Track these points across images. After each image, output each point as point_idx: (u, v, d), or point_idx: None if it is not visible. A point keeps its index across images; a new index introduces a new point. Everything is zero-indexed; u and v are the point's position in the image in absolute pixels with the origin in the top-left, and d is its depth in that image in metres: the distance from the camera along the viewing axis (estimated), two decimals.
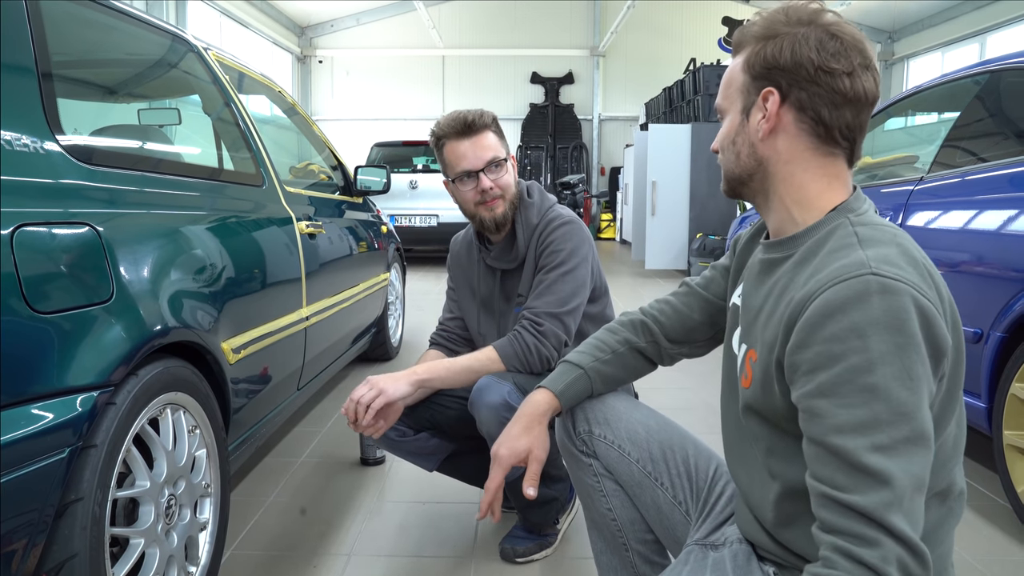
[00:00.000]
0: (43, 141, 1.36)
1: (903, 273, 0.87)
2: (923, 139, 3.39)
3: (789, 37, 0.99)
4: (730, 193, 1.12)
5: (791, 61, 0.98)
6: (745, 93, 1.04)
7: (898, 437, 0.82)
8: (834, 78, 0.97)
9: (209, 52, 2.45)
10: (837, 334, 0.86)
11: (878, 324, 0.84)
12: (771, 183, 1.05)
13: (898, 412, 0.83)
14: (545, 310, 1.82)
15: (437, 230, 8.63)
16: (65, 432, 1.20)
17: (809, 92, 0.98)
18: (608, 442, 1.35)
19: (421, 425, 1.93)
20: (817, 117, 0.99)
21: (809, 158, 1.02)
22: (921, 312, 0.85)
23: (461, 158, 1.85)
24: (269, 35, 13.74)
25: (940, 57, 13.05)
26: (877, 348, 0.84)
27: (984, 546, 2.08)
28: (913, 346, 0.84)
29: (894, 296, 0.85)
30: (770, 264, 1.06)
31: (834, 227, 0.98)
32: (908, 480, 0.82)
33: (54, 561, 1.21)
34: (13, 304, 1.15)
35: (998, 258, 2.26)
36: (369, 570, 1.97)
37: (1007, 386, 2.17)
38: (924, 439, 0.83)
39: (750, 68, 1.03)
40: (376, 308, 3.82)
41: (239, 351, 1.90)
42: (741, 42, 1.06)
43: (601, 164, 15.74)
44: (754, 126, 1.03)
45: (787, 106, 1.00)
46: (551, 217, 1.93)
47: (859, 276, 0.87)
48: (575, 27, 15.40)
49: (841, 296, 0.87)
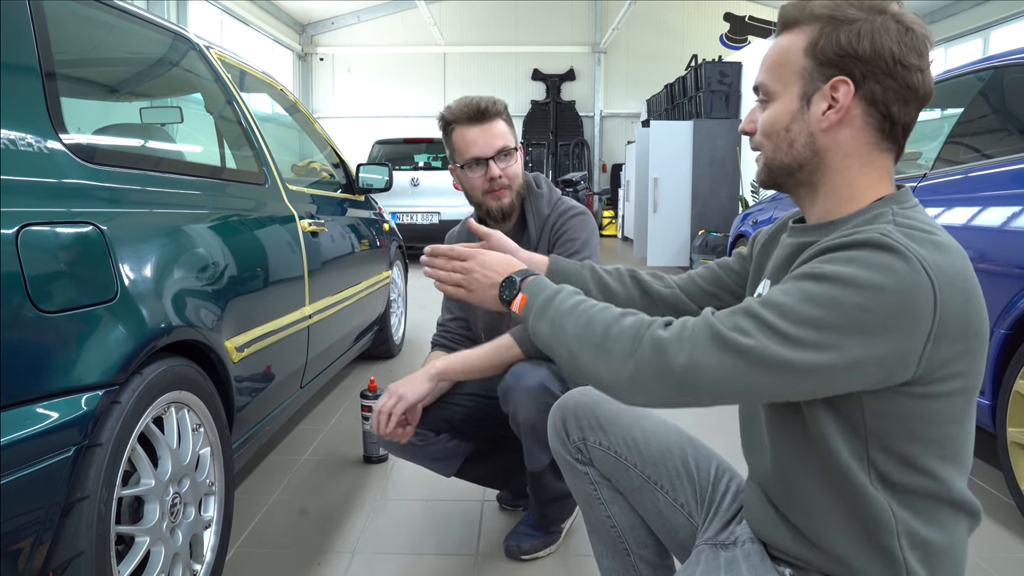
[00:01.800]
0: (46, 140, 1.36)
1: (917, 248, 0.85)
2: (926, 135, 3.37)
3: (866, 24, 0.94)
4: (770, 183, 1.07)
5: (870, 51, 0.93)
6: (806, 78, 0.98)
7: (780, 328, 0.86)
8: (910, 73, 0.94)
9: (211, 50, 2.45)
10: (820, 261, 0.89)
11: (855, 260, 0.85)
12: (823, 175, 1.01)
13: (800, 316, 0.86)
14: None
15: (439, 227, 8.62)
16: (70, 431, 1.20)
17: (884, 85, 0.94)
18: (604, 448, 1.32)
19: (439, 427, 1.91)
20: (887, 112, 0.96)
21: (867, 153, 0.98)
22: (909, 282, 0.83)
23: (471, 144, 1.82)
24: (270, 33, 13.74)
25: (943, 53, 13.01)
26: (838, 272, 0.86)
27: (988, 543, 2.08)
28: (868, 292, 0.83)
29: (886, 252, 0.85)
30: (798, 248, 1.03)
31: (876, 215, 0.95)
32: (747, 346, 0.87)
33: (60, 559, 1.21)
34: (18, 304, 1.15)
35: (1002, 255, 2.26)
36: (373, 567, 1.97)
37: (1011, 383, 2.17)
38: (797, 346, 0.85)
39: (817, 52, 0.97)
40: (379, 306, 3.83)
41: (242, 349, 1.91)
42: (797, 20, 0.99)
43: (603, 161, 15.73)
44: (816, 115, 0.98)
45: (858, 98, 0.96)
46: (564, 207, 1.92)
47: (869, 233, 0.88)
48: (576, 24, 15.38)
49: (841, 241, 0.89)
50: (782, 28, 1.03)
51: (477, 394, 1.92)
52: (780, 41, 1.02)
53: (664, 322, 0.96)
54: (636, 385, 0.94)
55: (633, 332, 0.96)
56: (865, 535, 0.95)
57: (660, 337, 0.93)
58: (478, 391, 1.92)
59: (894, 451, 0.92)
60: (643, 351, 0.93)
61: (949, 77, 3.02)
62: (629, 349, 0.94)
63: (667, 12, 14.99)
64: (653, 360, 0.92)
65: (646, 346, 0.93)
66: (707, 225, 8.21)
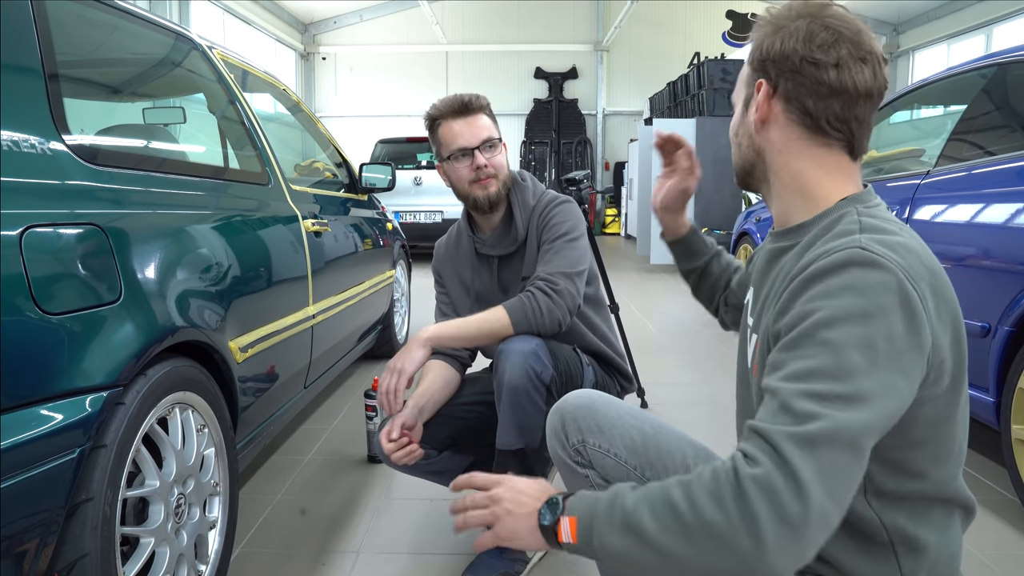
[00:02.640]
0: (49, 141, 1.36)
1: (892, 255, 0.87)
2: (929, 133, 3.37)
3: (784, 30, 1.01)
4: (740, 183, 1.14)
5: (779, 52, 1.00)
6: (747, 85, 1.08)
7: (835, 392, 0.81)
8: (818, 69, 0.98)
9: (213, 50, 2.45)
10: (811, 296, 0.87)
11: (851, 288, 0.85)
12: (770, 172, 1.07)
13: (843, 369, 0.82)
14: (560, 270, 1.81)
15: (442, 226, 8.62)
16: (75, 432, 1.21)
17: (795, 82, 1.00)
18: (603, 451, 1.31)
19: (443, 444, 1.90)
20: (803, 107, 1.00)
21: (802, 148, 1.03)
22: (901, 291, 0.84)
23: (457, 136, 1.87)
24: (272, 32, 13.75)
25: (946, 49, 12.99)
26: (843, 308, 0.84)
27: (992, 540, 2.07)
28: (881, 319, 0.83)
29: (875, 269, 0.85)
30: (777, 253, 1.07)
31: (841, 215, 0.98)
32: (831, 427, 0.79)
33: (65, 560, 1.21)
34: (22, 305, 1.15)
35: (1005, 252, 2.26)
36: (377, 567, 1.97)
37: (1015, 380, 2.16)
38: (863, 401, 0.81)
39: (752, 60, 1.06)
40: (382, 305, 3.83)
41: (246, 350, 1.91)
42: (750, 36, 1.09)
43: (606, 159, 15.72)
44: (751, 117, 1.06)
45: (777, 97, 1.02)
46: (549, 198, 1.96)
47: (847, 249, 0.88)
48: (578, 22, 15.37)
49: (823, 265, 0.88)
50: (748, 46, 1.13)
51: (477, 402, 1.91)
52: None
53: (726, 466, 0.83)
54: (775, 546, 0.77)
55: (715, 488, 0.81)
56: (857, 542, 0.96)
57: (751, 476, 0.79)
58: (478, 399, 1.92)
59: (889, 461, 0.92)
60: (749, 500, 0.77)
61: (952, 74, 3.01)
62: (734, 509, 0.78)
63: (669, 10, 14.97)
64: (765, 503, 0.77)
65: (748, 492, 0.78)
66: (710, 223, 8.20)
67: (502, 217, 1.96)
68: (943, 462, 0.94)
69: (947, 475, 0.95)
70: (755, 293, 1.13)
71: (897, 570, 0.95)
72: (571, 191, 3.64)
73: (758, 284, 1.12)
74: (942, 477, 0.95)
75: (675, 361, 4.30)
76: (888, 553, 0.95)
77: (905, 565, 0.95)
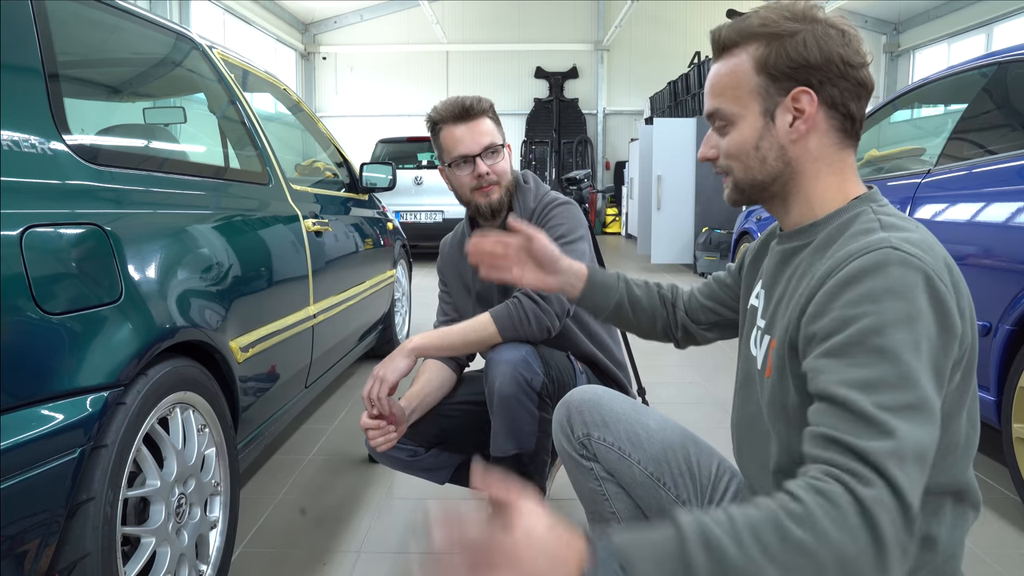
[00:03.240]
0: (50, 141, 1.36)
1: (922, 255, 0.87)
2: (930, 131, 3.37)
3: (808, 33, 0.97)
4: (743, 201, 1.09)
5: (821, 58, 0.97)
6: (764, 95, 1.01)
7: (903, 401, 0.80)
8: (858, 71, 0.98)
9: (214, 50, 2.45)
10: (852, 300, 0.86)
11: (893, 292, 0.84)
12: (795, 183, 1.03)
13: (905, 377, 0.81)
14: None
15: (442, 226, 8.63)
16: (76, 432, 1.21)
17: (840, 88, 0.98)
18: (608, 444, 1.33)
19: (430, 442, 1.90)
20: (847, 111, 0.99)
21: (834, 153, 1.02)
22: (933, 292, 0.85)
23: (458, 142, 1.83)
24: (273, 32, 13.75)
25: (946, 48, 12.99)
26: (890, 313, 0.83)
27: (993, 539, 2.07)
28: (923, 320, 0.83)
29: (910, 270, 0.85)
30: (790, 253, 1.06)
31: (857, 213, 0.98)
32: (912, 441, 0.78)
33: (67, 561, 1.21)
34: (23, 305, 1.15)
35: (1006, 251, 2.25)
36: (378, 567, 1.97)
37: (1016, 379, 2.16)
38: (928, 409, 0.81)
39: (770, 68, 0.99)
40: (383, 305, 3.83)
41: (247, 350, 1.91)
42: (737, 41, 1.02)
43: (606, 159, 15.73)
44: (784, 128, 1.01)
45: (819, 103, 0.99)
46: (549, 199, 1.93)
47: (879, 249, 0.87)
48: (579, 21, 15.37)
49: (859, 266, 0.87)
50: (720, 52, 1.06)
51: (468, 402, 1.90)
52: (723, 65, 1.05)
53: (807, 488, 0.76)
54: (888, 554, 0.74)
55: (837, 514, 0.74)
56: None
57: (873, 498, 0.74)
58: (469, 398, 1.91)
59: None
60: (877, 523, 0.73)
61: (953, 73, 3.01)
62: (862, 533, 0.73)
63: (669, 9, 14.96)
64: (890, 525, 0.74)
65: (873, 514, 0.73)
66: (711, 222, 8.20)
67: (503, 220, 1.94)
68: (957, 457, 0.95)
69: (958, 468, 0.96)
70: (766, 294, 1.11)
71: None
72: (572, 190, 3.64)
73: (770, 285, 1.10)
74: (953, 471, 0.95)
75: (675, 360, 4.30)
76: None
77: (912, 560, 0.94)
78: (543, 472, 1.92)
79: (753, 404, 1.13)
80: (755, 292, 1.18)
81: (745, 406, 1.16)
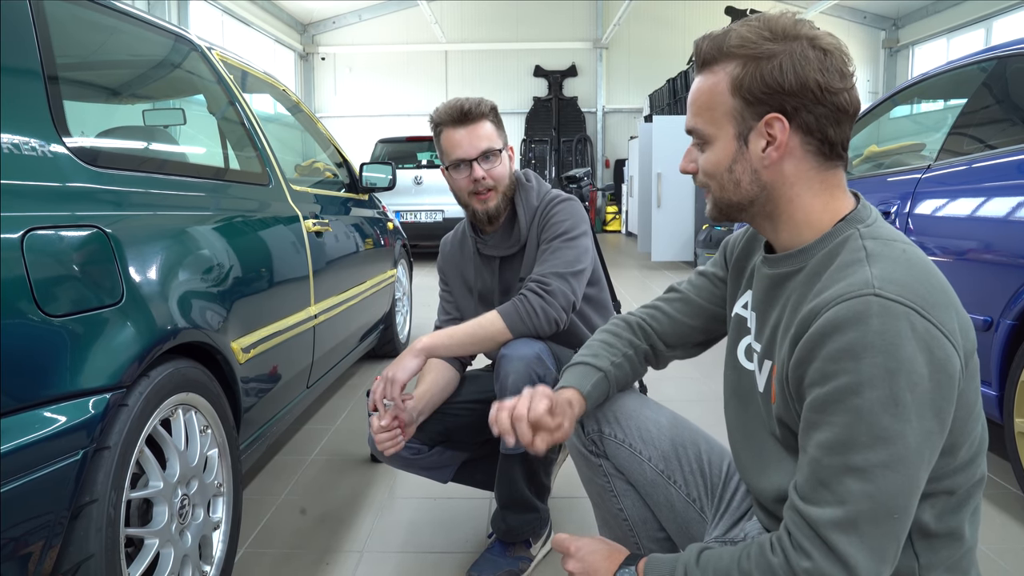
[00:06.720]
0: (50, 144, 1.36)
1: (907, 292, 0.85)
2: (930, 127, 3.36)
3: (786, 56, 0.93)
4: (724, 219, 1.06)
5: (796, 84, 0.93)
6: (738, 118, 0.98)
7: (873, 461, 0.83)
8: (837, 96, 0.94)
9: (212, 51, 2.45)
10: (832, 354, 0.86)
11: (872, 347, 0.83)
12: (775, 206, 1.01)
13: (877, 436, 0.83)
14: (552, 271, 1.78)
15: (443, 225, 8.63)
16: (79, 434, 1.21)
17: (816, 114, 0.94)
18: (619, 441, 1.33)
19: (434, 440, 1.90)
20: (824, 137, 0.96)
21: (813, 176, 0.98)
22: (919, 336, 0.83)
23: (456, 146, 1.84)
24: (271, 33, 13.75)
25: (945, 43, 12.98)
26: (867, 371, 0.83)
27: (996, 534, 2.07)
28: (904, 372, 0.83)
29: (890, 318, 0.84)
30: (781, 279, 1.04)
31: (844, 239, 0.96)
32: (869, 505, 0.83)
33: (70, 562, 1.22)
34: (25, 308, 1.15)
35: (1007, 246, 2.25)
36: (381, 566, 1.97)
37: (1017, 374, 2.16)
38: (902, 465, 0.83)
39: (744, 91, 0.96)
40: (384, 305, 3.83)
41: (249, 350, 1.91)
42: (716, 58, 0.99)
43: (606, 157, 15.72)
44: (756, 153, 0.98)
45: (793, 129, 0.96)
46: (551, 197, 1.93)
47: (861, 296, 0.85)
48: (577, 20, 15.37)
49: (841, 316, 0.86)
50: (701, 66, 1.02)
51: (473, 400, 1.90)
52: (703, 82, 1.01)
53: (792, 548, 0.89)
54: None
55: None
56: None
57: (805, 571, 0.86)
58: (475, 397, 1.91)
59: None
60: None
61: (952, 68, 3.01)
62: None
63: (668, 7, 14.95)
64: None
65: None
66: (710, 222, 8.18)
67: (506, 218, 1.94)
68: (969, 459, 0.95)
69: (982, 464, 0.97)
70: (759, 318, 1.09)
71: (914, 560, 0.94)
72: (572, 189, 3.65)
73: (762, 309, 1.08)
74: (982, 467, 0.96)
75: None
76: (905, 545, 0.93)
77: (922, 556, 0.94)
78: (549, 470, 1.92)
79: (752, 418, 1.12)
80: (741, 302, 1.16)
81: (741, 415, 1.15)
